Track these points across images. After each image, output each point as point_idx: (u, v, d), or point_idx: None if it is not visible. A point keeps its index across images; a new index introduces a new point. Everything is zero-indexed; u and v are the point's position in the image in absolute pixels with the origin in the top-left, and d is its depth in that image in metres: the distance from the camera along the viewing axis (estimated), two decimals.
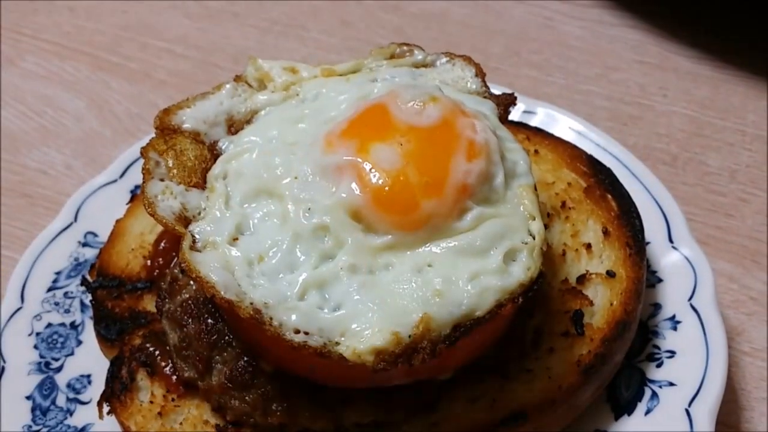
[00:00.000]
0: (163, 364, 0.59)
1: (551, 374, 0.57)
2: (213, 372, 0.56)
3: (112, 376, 0.59)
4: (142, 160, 0.73)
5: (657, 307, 0.63)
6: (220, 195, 0.56)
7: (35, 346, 0.66)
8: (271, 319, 0.50)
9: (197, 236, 0.54)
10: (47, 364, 0.65)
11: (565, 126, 0.72)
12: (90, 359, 0.65)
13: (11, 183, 0.87)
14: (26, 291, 0.69)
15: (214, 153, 0.59)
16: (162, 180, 0.56)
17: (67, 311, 0.68)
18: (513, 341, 0.57)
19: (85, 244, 0.72)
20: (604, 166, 0.67)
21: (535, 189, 0.56)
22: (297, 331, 0.50)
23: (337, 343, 0.49)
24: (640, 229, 0.62)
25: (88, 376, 0.65)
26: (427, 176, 0.53)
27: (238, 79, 0.64)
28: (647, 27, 0.93)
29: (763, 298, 0.69)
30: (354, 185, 0.53)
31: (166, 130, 0.59)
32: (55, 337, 0.67)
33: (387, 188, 0.52)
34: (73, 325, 0.68)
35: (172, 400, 0.58)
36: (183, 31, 1.01)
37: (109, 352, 0.61)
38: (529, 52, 0.90)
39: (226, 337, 0.57)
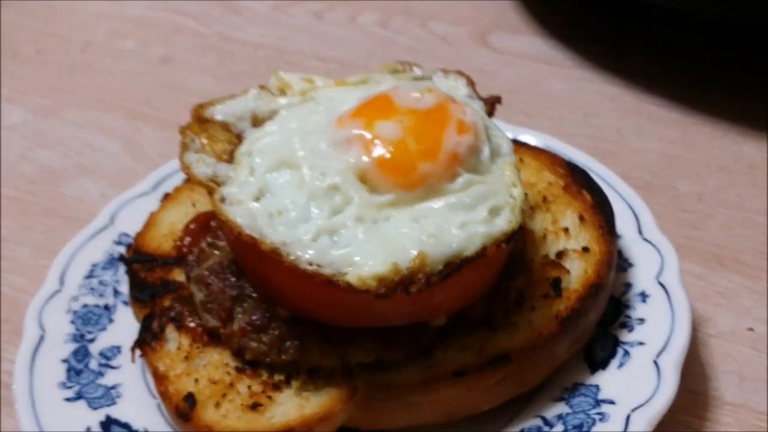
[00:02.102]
0: (190, 319, 0.66)
1: (533, 326, 0.64)
2: (234, 320, 0.64)
3: (144, 329, 0.66)
4: (173, 177, 0.84)
5: (628, 285, 0.71)
6: (246, 167, 0.65)
7: (72, 322, 0.74)
8: (288, 254, 0.58)
9: (225, 195, 0.62)
10: (82, 336, 0.73)
11: (542, 143, 0.82)
12: (121, 335, 0.72)
13: (49, 208, 0.96)
14: (65, 276, 0.77)
15: (240, 140, 0.69)
16: (196, 153, 0.66)
17: (101, 295, 0.76)
18: (498, 299, 0.65)
19: (119, 243, 0.80)
20: (580, 168, 0.76)
21: (517, 167, 0.65)
22: (310, 264, 0.58)
23: (345, 273, 0.57)
24: (611, 215, 0.71)
25: (119, 346, 0.72)
26: (424, 145, 0.62)
27: (262, 87, 0.74)
28: (624, 82, 1.04)
29: (728, 292, 0.77)
30: (361, 152, 0.62)
31: (200, 119, 0.69)
32: (89, 315, 0.75)
33: (389, 154, 0.62)
34: (107, 307, 0.75)
35: (197, 348, 0.65)
36: (209, 88, 1.12)
37: (141, 313, 0.69)
38: (519, 102, 1.01)
39: (247, 291, 0.65)
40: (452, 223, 0.60)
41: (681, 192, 0.88)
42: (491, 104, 0.71)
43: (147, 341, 0.65)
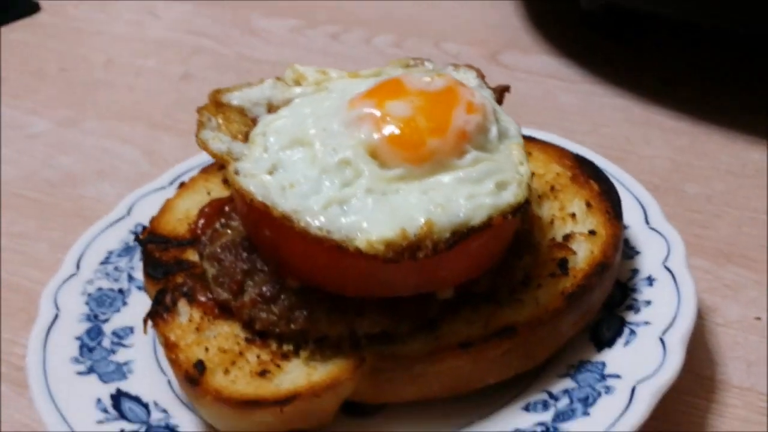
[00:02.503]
0: (202, 294, 0.68)
1: (539, 302, 0.65)
2: (245, 293, 0.65)
3: (156, 302, 0.67)
4: (190, 173, 0.86)
5: (635, 271, 0.71)
6: (260, 145, 0.67)
7: (86, 303, 0.75)
8: (298, 220, 0.60)
9: (239, 169, 0.64)
10: (96, 316, 0.74)
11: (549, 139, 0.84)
12: (134, 317, 0.73)
13: (67, 208, 0.98)
14: (81, 262, 0.79)
15: (255, 123, 0.71)
16: (212, 131, 0.68)
17: (116, 280, 0.78)
18: (504, 275, 0.65)
19: (135, 233, 0.82)
20: (588, 159, 0.77)
21: (524, 148, 0.66)
22: (320, 229, 0.59)
23: (354, 239, 0.59)
24: (618, 201, 0.72)
25: (131, 327, 0.73)
26: (433, 122, 0.64)
27: (278, 78, 0.77)
28: (633, 95, 1.06)
29: (735, 285, 0.77)
30: (372, 129, 0.64)
31: (217, 103, 0.71)
32: (104, 298, 0.76)
33: (399, 130, 0.64)
34: (121, 291, 0.77)
35: (208, 320, 0.66)
36: None
37: (154, 289, 0.70)
38: (530, 114, 1.03)
39: (258, 266, 0.66)
40: (460, 195, 0.61)
41: (689, 194, 0.89)
42: (500, 92, 0.73)
43: (159, 313, 0.66)
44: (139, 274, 0.77)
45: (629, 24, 1.19)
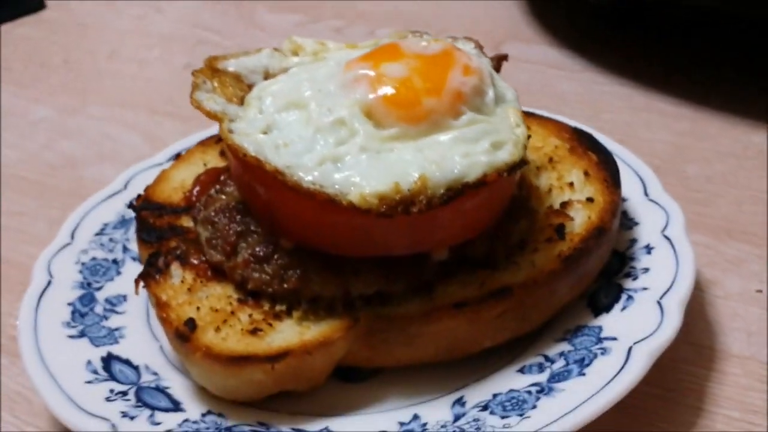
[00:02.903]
0: (195, 257, 0.67)
1: (535, 264, 0.64)
2: (238, 254, 0.64)
3: (149, 264, 0.67)
4: (190, 150, 0.86)
5: (633, 241, 0.70)
6: (255, 107, 0.66)
7: (80, 271, 0.74)
8: (291, 175, 0.59)
9: (233, 129, 0.64)
10: (89, 284, 0.73)
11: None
12: (128, 286, 0.72)
13: (67, 189, 0.98)
14: (76, 232, 0.78)
15: (251, 89, 0.71)
16: (207, 93, 0.68)
17: (110, 251, 0.77)
18: (500, 239, 0.65)
19: (131, 203, 0.82)
20: (586, 132, 0.77)
21: (521, 113, 0.66)
22: (313, 184, 0.59)
23: (347, 193, 0.58)
24: (616, 170, 0.71)
25: (125, 295, 0.73)
26: (429, 83, 0.64)
27: (275, 49, 0.77)
28: (634, 84, 1.06)
29: (736, 259, 0.76)
30: (367, 90, 0.64)
31: (213, 69, 0.71)
32: (98, 267, 0.75)
33: (394, 89, 0.63)
34: (115, 261, 0.76)
35: (201, 282, 0.65)
36: None
37: (147, 253, 0.69)
38: (531, 102, 1.01)
39: (252, 228, 0.65)
40: (455, 153, 0.61)
41: (690, 174, 0.88)
42: (498, 60, 0.72)
43: (151, 275, 0.65)
44: (134, 246, 0.76)
45: (635, 14, 1.19)
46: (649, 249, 0.69)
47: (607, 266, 0.68)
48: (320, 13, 1.38)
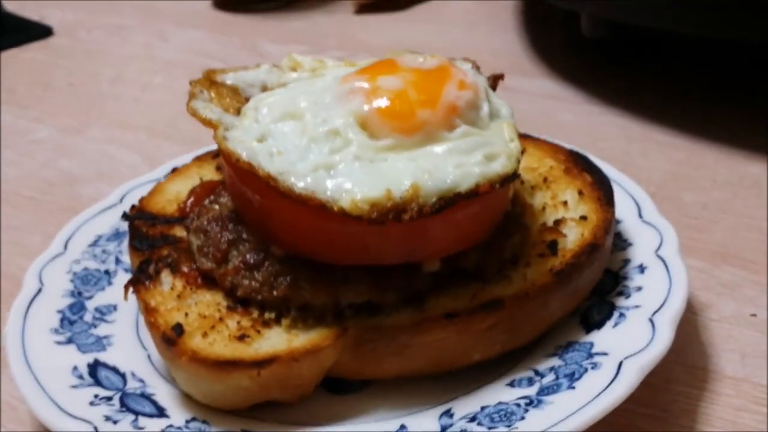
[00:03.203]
0: (186, 266, 0.67)
1: (527, 278, 0.64)
2: (229, 262, 0.64)
3: (139, 270, 0.66)
4: (186, 165, 0.86)
5: (627, 261, 0.70)
6: (251, 118, 0.67)
7: (71, 280, 0.74)
8: (284, 181, 0.59)
9: (228, 137, 0.64)
10: (80, 293, 0.73)
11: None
12: (118, 296, 0.71)
13: (64, 206, 0.97)
14: (70, 243, 0.78)
15: (248, 102, 0.71)
16: (204, 102, 0.68)
17: (103, 262, 0.77)
18: (493, 252, 0.65)
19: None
20: (581, 154, 0.77)
21: (515, 127, 0.66)
22: (305, 190, 0.59)
23: (338, 200, 0.58)
24: (610, 189, 0.71)
25: (115, 305, 0.72)
26: (424, 95, 0.64)
27: (274, 65, 0.77)
28: (632, 114, 1.07)
29: (731, 284, 0.76)
30: (362, 101, 0.64)
31: (211, 81, 0.72)
32: (89, 277, 0.75)
33: (389, 101, 0.64)
34: (107, 272, 0.76)
35: (191, 289, 0.65)
36: None
37: (138, 260, 0.69)
38: (529, 130, 1.02)
39: (244, 236, 0.65)
40: (448, 163, 0.61)
41: (686, 202, 0.88)
42: (494, 79, 0.73)
43: (141, 281, 0.65)
44: (126, 258, 0.76)
45: (632, 48, 1.20)
46: (642, 269, 0.68)
47: (600, 285, 0.68)
48: (323, 44, 1.39)
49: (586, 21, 1.25)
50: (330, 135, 0.63)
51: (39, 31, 1.51)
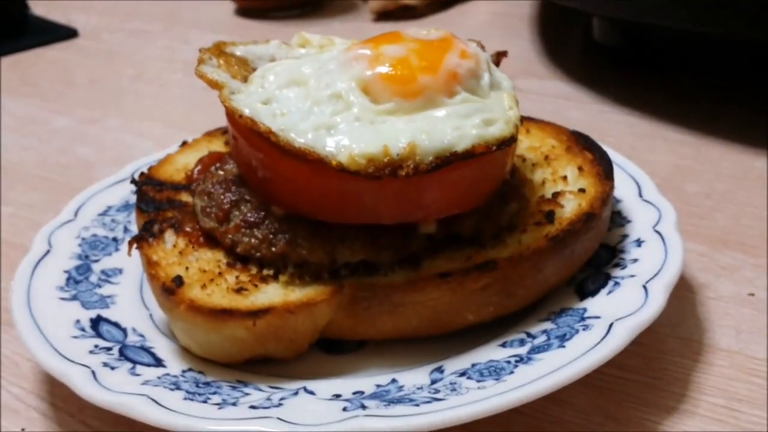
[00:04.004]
0: (189, 226, 0.68)
1: (521, 242, 0.64)
2: (231, 221, 0.66)
3: (144, 229, 0.68)
4: (196, 139, 0.88)
5: (625, 236, 0.71)
6: (257, 84, 0.69)
7: (79, 245, 0.76)
8: (284, 136, 0.61)
9: (233, 97, 0.66)
10: (87, 256, 0.75)
11: None
12: (124, 260, 0.74)
13: (79, 187, 0.96)
14: (80, 211, 0.80)
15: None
16: (212, 68, 0.70)
17: (111, 230, 0.79)
18: (489, 218, 0.65)
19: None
20: (584, 134, 0.78)
21: (515, 98, 0.68)
22: (304, 145, 0.60)
23: (336, 155, 0.60)
24: (610, 165, 0.72)
25: (121, 269, 0.74)
26: (425, 62, 0.66)
27: (284, 42, 0.79)
28: (640, 113, 1.07)
29: (730, 267, 0.76)
30: (365, 67, 0.66)
31: (220, 52, 0.74)
32: (97, 243, 0.77)
33: (391, 67, 0.65)
34: (115, 239, 0.78)
35: (192, 247, 0.66)
36: None
37: (143, 221, 0.71)
38: None
39: (246, 197, 0.67)
40: (447, 125, 0.62)
41: (689, 192, 0.89)
42: (497, 56, 0.74)
43: (145, 239, 0.66)
44: (134, 228, 0.77)
45: (643, 52, 1.22)
46: (639, 242, 0.69)
47: (597, 258, 0.69)
48: None
49: (598, 27, 1.27)
50: (332, 98, 0.65)
51: (64, 33, 1.55)
